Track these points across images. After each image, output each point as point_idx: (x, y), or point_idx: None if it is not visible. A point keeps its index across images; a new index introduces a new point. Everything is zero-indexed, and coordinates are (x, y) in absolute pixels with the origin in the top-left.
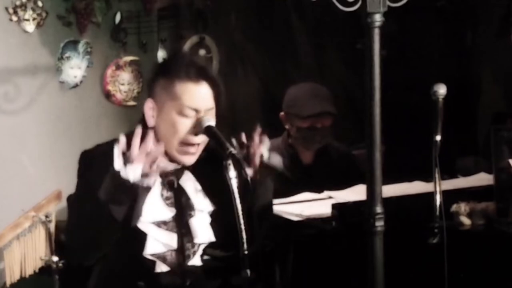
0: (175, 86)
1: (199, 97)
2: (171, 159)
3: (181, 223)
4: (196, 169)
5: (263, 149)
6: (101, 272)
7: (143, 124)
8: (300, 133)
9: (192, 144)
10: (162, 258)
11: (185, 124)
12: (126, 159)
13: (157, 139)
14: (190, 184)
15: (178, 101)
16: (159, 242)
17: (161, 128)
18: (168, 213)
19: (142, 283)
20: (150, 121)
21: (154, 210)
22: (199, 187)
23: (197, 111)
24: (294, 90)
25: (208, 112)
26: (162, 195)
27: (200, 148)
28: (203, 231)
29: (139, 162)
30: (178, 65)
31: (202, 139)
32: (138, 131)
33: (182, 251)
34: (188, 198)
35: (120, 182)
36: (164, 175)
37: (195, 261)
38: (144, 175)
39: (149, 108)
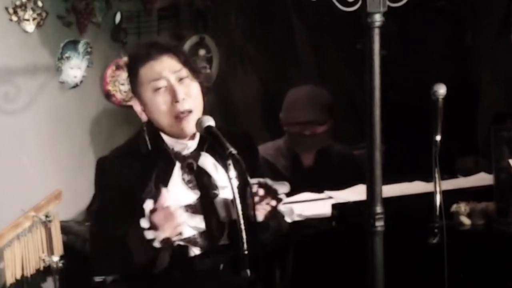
0: (140, 72)
1: (162, 67)
2: (177, 137)
3: (207, 204)
4: (209, 150)
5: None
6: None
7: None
8: (291, 137)
9: (182, 112)
10: (193, 241)
11: (163, 97)
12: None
13: (156, 128)
14: (208, 162)
15: (148, 82)
16: (187, 226)
17: (153, 116)
18: (192, 196)
19: (177, 273)
20: (143, 117)
21: (178, 195)
22: (218, 164)
23: (167, 79)
24: (291, 94)
25: (182, 81)
26: (183, 179)
27: (195, 114)
28: (226, 211)
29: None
30: (137, 56)
31: (189, 104)
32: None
33: (211, 232)
34: (210, 177)
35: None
36: (182, 159)
37: (225, 240)
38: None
39: (136, 106)
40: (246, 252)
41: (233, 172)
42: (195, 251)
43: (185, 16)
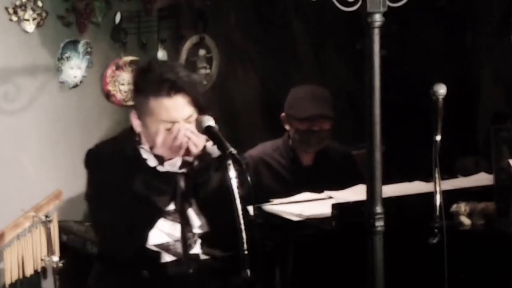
0: (150, 102)
1: (174, 110)
2: (163, 158)
3: (181, 213)
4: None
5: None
6: (104, 265)
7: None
8: (298, 135)
9: (181, 148)
10: (166, 248)
11: (164, 135)
12: (158, 157)
13: (147, 141)
14: (176, 168)
15: (155, 116)
16: (163, 233)
17: (149, 139)
18: (171, 204)
19: (146, 272)
20: (137, 128)
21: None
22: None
23: (174, 122)
24: (295, 92)
25: (187, 119)
26: (161, 188)
27: (192, 148)
28: (199, 221)
29: (173, 155)
30: (150, 83)
31: (184, 147)
32: (163, 129)
33: (184, 241)
34: (183, 190)
35: (159, 175)
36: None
37: (196, 249)
38: (185, 163)
39: (134, 120)
40: (246, 252)
41: (233, 172)
42: (166, 258)
43: (185, 16)
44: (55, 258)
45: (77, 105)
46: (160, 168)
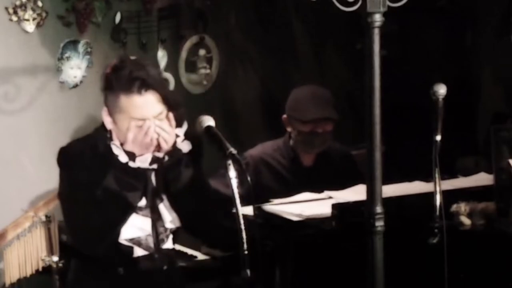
0: (120, 99)
1: (145, 107)
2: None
3: (153, 208)
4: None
5: (178, 132)
6: (79, 262)
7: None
8: (301, 136)
9: (151, 145)
10: (138, 242)
11: (135, 132)
12: (129, 153)
13: (118, 138)
14: (146, 164)
15: (126, 113)
16: (134, 227)
17: (119, 136)
18: (143, 199)
19: (121, 269)
20: (108, 125)
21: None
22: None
23: (145, 119)
24: (297, 93)
25: (157, 116)
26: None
27: (163, 145)
28: (170, 216)
29: (144, 151)
30: (121, 80)
31: (155, 143)
32: (134, 126)
33: (156, 235)
34: (154, 185)
35: (130, 171)
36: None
37: (169, 244)
38: (155, 159)
39: (106, 116)
40: (246, 252)
41: (233, 172)
42: (139, 253)
43: (185, 16)
44: (55, 258)
45: (77, 105)
46: (131, 164)
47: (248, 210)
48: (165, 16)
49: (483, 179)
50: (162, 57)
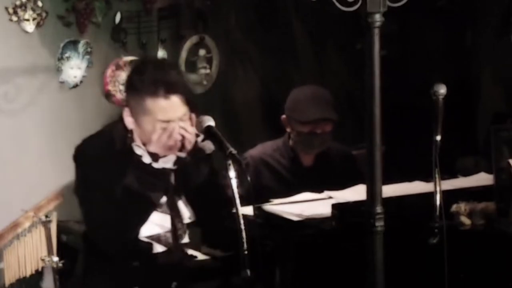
0: (146, 102)
1: (170, 110)
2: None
3: (172, 205)
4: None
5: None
6: (93, 257)
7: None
8: (300, 137)
9: (175, 146)
10: (157, 239)
11: (160, 134)
12: (153, 154)
13: (139, 138)
14: (170, 165)
15: (151, 116)
16: (153, 224)
17: (142, 138)
18: (163, 197)
19: (137, 263)
20: (130, 125)
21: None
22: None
23: (170, 121)
24: (296, 94)
25: (181, 118)
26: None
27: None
28: (188, 212)
29: (168, 152)
30: (146, 83)
31: (179, 145)
32: (158, 128)
33: (175, 231)
34: (175, 184)
35: (153, 171)
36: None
37: (186, 239)
38: (178, 159)
39: (127, 116)
40: (246, 252)
41: (233, 172)
42: (158, 249)
43: (185, 16)
44: (55, 258)
45: (77, 105)
46: (155, 165)
47: (248, 210)
48: (165, 16)
49: (483, 179)
50: (162, 57)
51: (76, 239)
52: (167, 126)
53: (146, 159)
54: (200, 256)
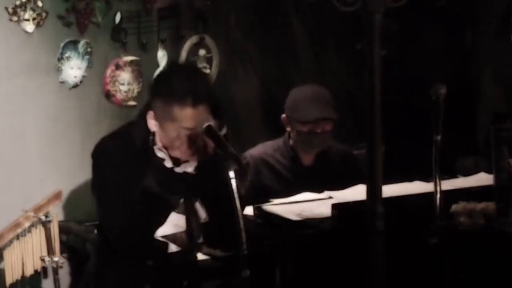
0: (173, 109)
1: (197, 119)
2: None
3: (189, 205)
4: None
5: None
6: (104, 255)
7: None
8: (300, 136)
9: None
10: (173, 239)
11: (184, 140)
12: (175, 158)
13: (161, 142)
14: (191, 169)
15: (177, 123)
16: (170, 224)
17: (164, 142)
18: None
19: (151, 262)
20: (153, 128)
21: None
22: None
23: (194, 129)
24: (296, 93)
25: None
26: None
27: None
28: (205, 212)
29: (190, 157)
30: (175, 91)
31: (202, 151)
32: (183, 135)
33: (191, 231)
34: (194, 187)
35: (175, 175)
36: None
37: (201, 239)
38: (199, 166)
39: (151, 119)
40: (246, 252)
41: (233, 172)
42: (173, 248)
43: (185, 16)
44: (55, 258)
45: (77, 105)
46: (177, 169)
47: (248, 210)
48: (165, 16)
49: (483, 179)
50: (162, 57)
51: (76, 239)
52: (192, 133)
53: (168, 163)
54: (200, 256)
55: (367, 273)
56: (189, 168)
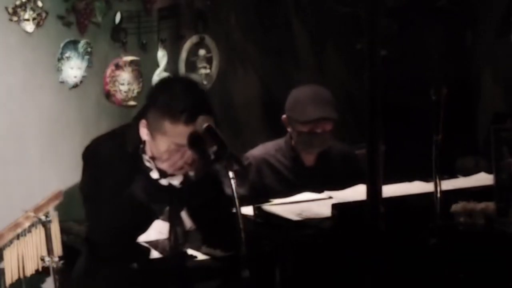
0: (166, 124)
1: (188, 135)
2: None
3: (174, 214)
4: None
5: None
6: (90, 257)
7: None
8: (301, 137)
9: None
10: (155, 245)
11: (173, 154)
12: (161, 170)
13: (151, 151)
14: (177, 183)
15: (168, 137)
16: (153, 230)
17: (154, 154)
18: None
19: (134, 265)
20: (144, 136)
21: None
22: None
23: (184, 145)
24: (296, 93)
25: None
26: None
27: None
28: (191, 221)
29: (177, 172)
30: (170, 106)
31: (189, 168)
32: (172, 149)
33: (175, 239)
34: (179, 199)
35: (160, 187)
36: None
37: (185, 247)
38: (186, 179)
39: (143, 129)
40: (245, 252)
41: (232, 172)
42: (155, 254)
43: (185, 16)
44: (55, 258)
45: (77, 105)
46: (162, 181)
47: (248, 210)
48: (165, 16)
49: (483, 179)
50: (162, 57)
51: (76, 239)
52: (181, 148)
53: (154, 175)
54: (200, 256)
55: (366, 273)
56: (175, 181)
